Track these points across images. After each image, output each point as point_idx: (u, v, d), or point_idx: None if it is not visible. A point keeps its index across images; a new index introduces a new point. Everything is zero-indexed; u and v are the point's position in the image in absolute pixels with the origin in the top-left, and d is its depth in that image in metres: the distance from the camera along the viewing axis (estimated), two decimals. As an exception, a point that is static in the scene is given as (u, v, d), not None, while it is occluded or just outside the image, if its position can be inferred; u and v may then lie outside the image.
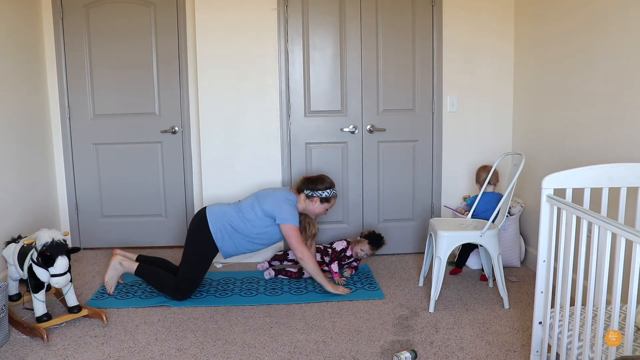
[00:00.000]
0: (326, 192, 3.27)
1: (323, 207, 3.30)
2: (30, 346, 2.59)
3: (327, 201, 3.29)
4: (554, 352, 2.13)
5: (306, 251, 3.12)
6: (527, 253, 3.75)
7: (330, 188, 3.30)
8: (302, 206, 3.30)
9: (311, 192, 3.26)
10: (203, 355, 2.50)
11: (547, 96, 3.46)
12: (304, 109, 3.91)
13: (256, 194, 3.32)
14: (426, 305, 3.06)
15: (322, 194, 3.26)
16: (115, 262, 3.25)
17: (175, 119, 4.15)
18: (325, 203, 3.29)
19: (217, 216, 3.19)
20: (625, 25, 2.65)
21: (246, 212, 3.21)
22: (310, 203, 3.28)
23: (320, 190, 3.26)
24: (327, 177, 3.34)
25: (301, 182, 3.34)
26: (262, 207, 3.19)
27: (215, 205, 3.30)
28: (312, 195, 3.26)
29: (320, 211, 3.32)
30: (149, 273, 3.21)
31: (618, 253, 1.68)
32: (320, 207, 3.29)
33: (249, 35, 3.80)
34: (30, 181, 3.76)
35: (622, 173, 2.07)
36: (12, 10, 3.58)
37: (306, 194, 3.27)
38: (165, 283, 3.15)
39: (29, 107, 3.77)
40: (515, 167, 2.98)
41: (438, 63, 3.91)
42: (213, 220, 3.17)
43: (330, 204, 3.32)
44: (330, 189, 3.30)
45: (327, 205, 3.31)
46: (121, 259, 3.25)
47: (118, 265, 3.24)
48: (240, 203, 3.30)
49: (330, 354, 2.49)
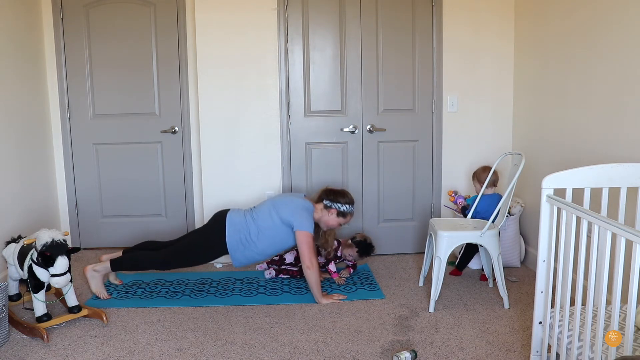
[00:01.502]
0: (345, 207, 3.27)
1: (338, 220, 3.30)
2: (30, 346, 2.59)
3: (344, 216, 3.29)
4: (554, 352, 2.12)
5: (315, 262, 3.08)
6: (527, 253, 3.75)
7: (349, 204, 3.30)
8: (317, 215, 3.29)
9: (330, 202, 3.26)
10: (203, 355, 2.50)
11: (547, 96, 3.46)
12: (304, 109, 3.91)
13: (273, 202, 3.29)
14: (426, 305, 3.06)
15: (340, 207, 3.26)
16: (89, 273, 3.20)
17: (175, 119, 4.15)
18: (341, 217, 3.29)
19: (235, 228, 3.18)
20: (625, 26, 2.65)
21: (262, 220, 3.19)
22: (326, 213, 3.28)
23: (340, 203, 3.27)
24: (349, 193, 3.36)
25: (322, 191, 3.34)
26: (280, 214, 3.17)
27: (235, 213, 3.26)
28: (331, 207, 3.26)
29: (334, 224, 3.31)
30: (124, 261, 3.22)
31: (618, 253, 1.68)
32: (335, 220, 3.29)
33: (249, 35, 3.80)
34: (30, 181, 3.77)
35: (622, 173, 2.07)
36: (12, 10, 3.58)
37: (325, 204, 3.28)
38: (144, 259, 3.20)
39: (29, 107, 3.77)
40: (515, 167, 2.98)
41: (438, 63, 3.91)
42: (231, 232, 3.17)
43: (345, 219, 3.32)
44: (350, 205, 3.30)
45: (342, 219, 3.31)
46: (92, 266, 3.21)
47: (93, 272, 3.20)
48: (255, 211, 3.27)
49: (330, 354, 2.49)
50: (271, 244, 3.20)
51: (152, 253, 3.24)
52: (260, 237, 3.17)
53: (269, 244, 3.19)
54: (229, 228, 3.17)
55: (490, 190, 3.47)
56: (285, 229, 3.17)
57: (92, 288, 3.20)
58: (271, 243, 3.20)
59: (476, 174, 3.54)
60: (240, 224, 3.20)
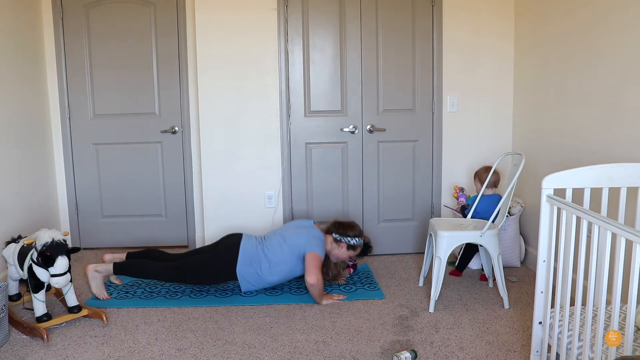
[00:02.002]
0: (354, 240, 3.28)
1: (348, 253, 3.31)
2: (30, 346, 2.59)
3: (354, 249, 3.30)
4: (554, 352, 2.12)
5: (321, 279, 3.05)
6: (527, 253, 3.75)
7: (359, 237, 3.30)
8: (328, 248, 3.30)
9: (340, 236, 3.26)
10: (203, 355, 2.50)
11: (547, 96, 3.46)
12: (304, 109, 3.91)
13: (282, 234, 3.25)
14: (426, 305, 3.06)
15: (350, 241, 3.27)
16: (90, 273, 3.18)
17: (175, 119, 4.15)
18: (351, 250, 3.30)
19: (247, 259, 3.14)
20: (625, 25, 2.65)
21: (273, 254, 3.16)
22: (336, 247, 3.28)
23: (350, 237, 3.27)
24: (357, 226, 3.34)
25: (332, 225, 3.33)
26: (291, 246, 3.15)
27: (248, 242, 3.21)
28: (341, 241, 3.27)
29: (344, 257, 3.32)
30: (127, 267, 3.19)
31: (618, 253, 1.68)
32: (345, 253, 3.30)
33: (249, 35, 3.80)
34: (31, 181, 3.77)
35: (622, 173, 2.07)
36: (12, 10, 3.58)
37: (334, 238, 3.27)
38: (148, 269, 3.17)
39: (29, 107, 3.77)
40: (515, 167, 2.98)
41: (438, 63, 3.91)
42: (242, 262, 3.13)
43: (355, 252, 3.33)
44: (359, 237, 3.30)
45: (352, 252, 3.31)
46: (94, 267, 3.18)
47: (95, 273, 3.18)
48: (266, 243, 3.22)
49: (330, 354, 2.49)
50: (282, 278, 3.19)
51: (158, 265, 3.19)
52: (272, 272, 3.15)
53: (279, 277, 3.18)
54: (241, 257, 3.14)
55: (491, 190, 3.47)
56: (296, 262, 3.15)
57: (92, 288, 3.19)
58: (282, 277, 3.19)
59: (478, 174, 3.54)
60: (252, 255, 3.16)
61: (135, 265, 3.21)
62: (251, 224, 3.98)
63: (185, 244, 4.29)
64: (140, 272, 3.19)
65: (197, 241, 4.26)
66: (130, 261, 3.25)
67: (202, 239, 4.22)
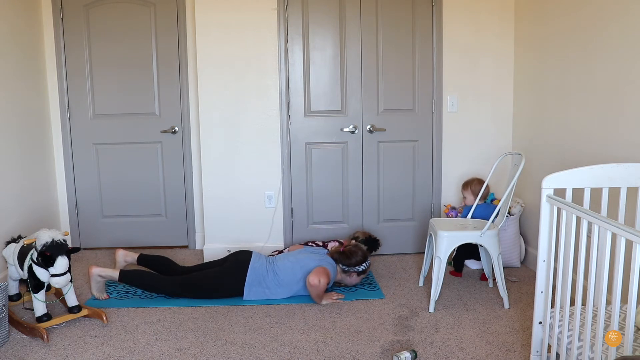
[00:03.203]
0: (362, 266, 3.30)
1: (360, 278, 3.34)
2: (30, 346, 2.59)
3: (364, 272, 3.34)
4: (554, 352, 2.13)
5: (324, 282, 3.04)
6: (527, 253, 3.75)
7: (364, 260, 3.31)
8: (339, 277, 3.33)
9: (347, 267, 3.28)
10: (203, 355, 2.50)
11: (547, 96, 3.46)
12: (304, 109, 3.91)
13: (297, 257, 3.23)
14: (426, 305, 3.06)
15: (358, 269, 3.30)
16: (94, 276, 3.16)
17: (175, 119, 4.15)
18: (362, 275, 3.33)
19: (256, 276, 3.14)
20: (625, 25, 2.65)
21: (284, 275, 3.15)
22: (347, 276, 3.32)
23: (355, 266, 3.29)
24: (359, 250, 3.33)
25: (336, 254, 3.33)
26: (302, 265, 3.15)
27: (257, 260, 3.20)
28: (349, 271, 3.29)
29: (356, 281, 3.35)
30: (132, 278, 3.16)
31: (618, 253, 1.68)
32: (357, 278, 3.33)
33: (249, 35, 3.80)
34: (31, 181, 3.77)
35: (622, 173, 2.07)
36: (13, 10, 3.58)
37: (342, 269, 3.29)
38: (154, 284, 3.14)
39: (29, 107, 3.77)
40: (515, 167, 2.98)
41: (438, 63, 3.91)
42: (250, 281, 3.12)
43: (365, 274, 3.36)
44: (365, 261, 3.31)
45: (363, 275, 3.35)
46: (99, 271, 3.16)
47: (98, 278, 3.16)
48: (277, 265, 3.20)
49: (330, 354, 2.49)
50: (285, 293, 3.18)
51: (164, 281, 3.16)
52: (278, 287, 3.15)
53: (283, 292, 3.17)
54: (250, 276, 3.13)
55: (481, 202, 3.49)
56: (302, 282, 3.15)
57: (92, 289, 3.18)
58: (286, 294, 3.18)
59: (470, 185, 3.53)
60: (261, 274, 3.15)
61: (141, 278, 3.17)
62: (251, 224, 3.98)
63: (185, 244, 4.29)
64: (144, 286, 3.16)
65: (197, 241, 4.26)
66: (137, 273, 3.19)
67: (202, 239, 4.22)
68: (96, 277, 3.15)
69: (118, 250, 3.45)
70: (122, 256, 3.42)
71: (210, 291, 3.13)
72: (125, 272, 3.17)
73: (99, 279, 3.16)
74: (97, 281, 3.16)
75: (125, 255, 3.43)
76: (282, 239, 4.00)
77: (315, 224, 4.00)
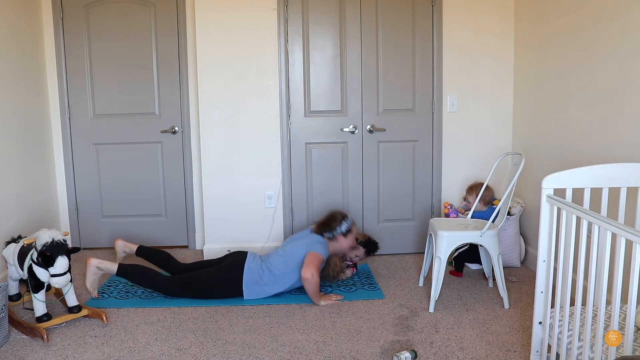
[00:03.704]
0: (344, 226, 3.31)
1: (348, 239, 3.34)
2: (30, 346, 2.59)
3: (350, 232, 3.33)
4: (554, 352, 2.13)
5: (316, 275, 3.05)
6: (527, 253, 3.74)
7: (344, 220, 3.33)
8: (332, 248, 3.33)
9: (330, 233, 3.30)
10: (203, 355, 2.50)
11: (547, 96, 3.46)
12: (304, 109, 3.91)
13: (284, 248, 3.25)
14: (426, 305, 3.06)
15: (342, 230, 3.31)
16: (92, 267, 3.15)
17: (175, 119, 4.15)
18: (349, 235, 3.34)
19: (252, 279, 3.14)
20: (625, 25, 2.65)
21: (277, 269, 3.15)
22: (336, 244, 3.33)
23: (336, 228, 3.30)
24: (336, 213, 3.38)
25: (317, 228, 3.35)
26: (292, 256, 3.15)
27: (252, 259, 3.20)
28: (334, 236, 3.30)
29: (350, 243, 3.36)
30: (130, 272, 3.15)
31: (618, 253, 1.68)
32: (345, 241, 3.34)
33: (249, 35, 3.80)
34: (31, 181, 3.77)
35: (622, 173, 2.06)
36: (13, 10, 3.58)
37: (328, 238, 3.31)
38: (153, 281, 3.14)
39: (29, 107, 3.77)
40: (515, 167, 2.98)
41: (438, 63, 3.91)
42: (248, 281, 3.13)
43: (352, 233, 3.36)
44: (344, 220, 3.33)
45: (350, 236, 3.35)
46: (97, 262, 3.15)
47: (95, 269, 3.15)
48: (269, 260, 3.21)
49: (330, 354, 2.49)
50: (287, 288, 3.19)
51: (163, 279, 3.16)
52: (275, 282, 3.15)
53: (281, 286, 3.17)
54: (246, 275, 3.14)
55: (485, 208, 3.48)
56: (298, 273, 3.15)
57: (87, 282, 3.14)
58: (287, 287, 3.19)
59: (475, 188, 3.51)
60: (257, 273, 3.16)
61: (139, 273, 3.16)
62: (251, 224, 3.98)
63: (185, 244, 4.29)
64: (144, 280, 3.16)
65: (197, 241, 4.26)
66: (135, 268, 3.19)
67: (202, 239, 4.22)
68: (94, 268, 3.14)
69: (117, 240, 3.46)
70: (121, 247, 3.43)
71: (209, 291, 3.13)
72: (124, 266, 3.16)
73: (96, 271, 3.15)
74: (93, 273, 3.14)
75: (124, 246, 3.44)
76: (282, 239, 4.00)
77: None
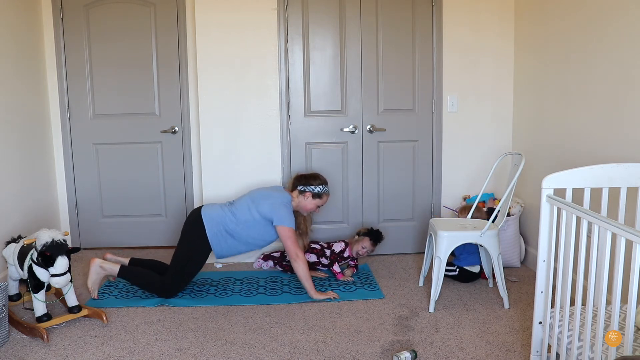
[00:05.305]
0: (318, 188, 3.33)
1: (315, 202, 3.35)
2: (30, 346, 2.59)
3: (319, 197, 3.35)
4: (554, 352, 2.13)
5: (301, 253, 3.13)
6: (527, 253, 3.75)
7: (323, 184, 3.36)
8: (295, 203, 3.35)
9: (304, 187, 3.32)
10: (203, 355, 2.50)
11: (547, 96, 3.46)
12: (304, 109, 3.91)
13: (251, 195, 3.32)
14: (426, 305, 3.06)
15: (314, 189, 3.32)
16: (95, 266, 3.17)
17: (175, 119, 4.15)
18: (317, 199, 3.35)
19: (213, 220, 3.18)
20: (625, 25, 2.65)
21: (241, 214, 3.21)
22: (302, 199, 3.34)
23: (313, 185, 3.33)
24: (320, 175, 3.42)
25: (295, 178, 3.41)
26: (259, 209, 3.20)
27: (210, 207, 3.28)
28: (305, 190, 3.32)
29: (312, 207, 3.36)
30: (133, 274, 3.20)
31: (618, 253, 1.68)
32: (312, 202, 3.35)
33: (249, 35, 3.80)
34: (31, 181, 3.76)
35: (622, 173, 2.07)
36: (13, 10, 3.58)
37: (299, 190, 3.34)
38: (150, 281, 3.16)
39: (29, 107, 3.77)
40: (515, 167, 2.98)
41: (438, 63, 3.91)
42: (209, 225, 3.17)
43: (322, 200, 3.37)
44: (323, 185, 3.36)
45: (319, 201, 3.36)
46: (101, 262, 3.18)
47: (99, 269, 3.17)
48: (234, 205, 3.29)
49: (330, 354, 2.49)
50: (251, 236, 3.20)
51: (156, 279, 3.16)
52: (240, 228, 3.18)
53: (249, 234, 3.19)
54: (207, 223, 3.16)
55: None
56: (265, 223, 3.20)
57: (89, 281, 3.16)
58: (252, 235, 3.20)
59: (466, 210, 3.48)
60: (218, 217, 3.19)
61: (141, 275, 3.20)
62: (251, 224, 3.98)
63: (185, 244, 4.29)
64: (140, 283, 3.19)
65: (197, 241, 4.26)
66: (137, 270, 3.22)
67: (202, 239, 4.22)
68: (97, 267, 3.17)
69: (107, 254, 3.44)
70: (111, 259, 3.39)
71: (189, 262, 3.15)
72: (125, 268, 3.20)
73: (99, 271, 3.18)
74: (96, 272, 3.17)
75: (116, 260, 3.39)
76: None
77: (316, 224, 3.99)
